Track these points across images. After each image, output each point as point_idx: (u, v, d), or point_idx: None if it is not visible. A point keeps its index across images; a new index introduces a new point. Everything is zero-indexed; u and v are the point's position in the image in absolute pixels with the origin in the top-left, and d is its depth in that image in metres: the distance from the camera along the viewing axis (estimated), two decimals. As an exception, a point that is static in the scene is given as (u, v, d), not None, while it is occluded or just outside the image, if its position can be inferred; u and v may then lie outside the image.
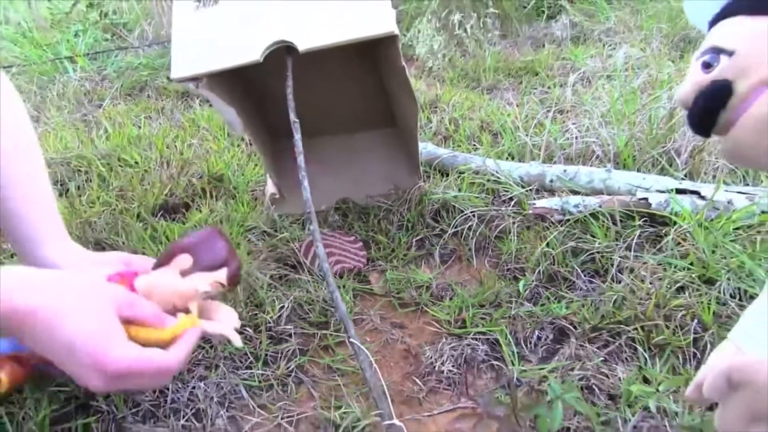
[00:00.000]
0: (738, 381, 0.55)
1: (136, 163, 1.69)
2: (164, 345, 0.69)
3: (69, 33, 2.91)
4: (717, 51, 0.56)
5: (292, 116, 1.03)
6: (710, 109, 0.56)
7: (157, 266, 0.80)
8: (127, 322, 0.67)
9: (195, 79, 1.04)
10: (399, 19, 2.99)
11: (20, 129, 0.86)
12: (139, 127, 1.94)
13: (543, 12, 2.93)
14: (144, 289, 0.76)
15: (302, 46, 1.00)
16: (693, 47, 2.39)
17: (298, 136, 1.02)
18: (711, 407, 0.87)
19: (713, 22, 0.59)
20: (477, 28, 2.60)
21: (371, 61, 1.33)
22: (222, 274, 0.77)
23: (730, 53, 0.55)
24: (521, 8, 2.94)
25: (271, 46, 1.01)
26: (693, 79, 0.58)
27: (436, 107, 1.98)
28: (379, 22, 0.99)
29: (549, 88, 2.11)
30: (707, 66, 0.56)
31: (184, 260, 0.76)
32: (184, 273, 0.76)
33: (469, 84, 2.34)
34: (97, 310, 0.64)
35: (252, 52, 1.01)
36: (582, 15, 2.86)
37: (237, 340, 0.76)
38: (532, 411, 0.67)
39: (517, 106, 1.94)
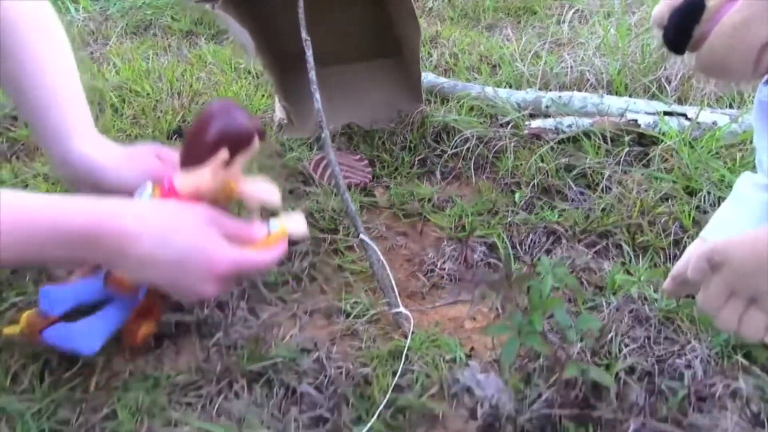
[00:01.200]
0: (718, 262, 0.62)
1: (148, 94, 1.75)
2: None
3: (71, -26, 2.93)
4: None
5: (304, 34, 1.09)
6: (684, 25, 0.62)
7: (185, 159, 0.81)
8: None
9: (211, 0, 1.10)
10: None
11: (49, 24, 0.88)
12: (148, 62, 1.99)
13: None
14: (190, 191, 0.79)
15: (313, -35, 1.06)
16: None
17: (309, 53, 1.09)
18: (687, 297, 0.96)
19: None
20: (476, -31, 2.62)
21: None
22: (256, 145, 0.81)
23: None
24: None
25: (284, -35, 1.07)
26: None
27: (436, 43, 2.04)
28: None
29: (547, 25, 2.17)
30: None
31: (223, 155, 0.78)
32: (226, 164, 0.79)
33: (468, 23, 2.38)
34: (195, 224, 0.72)
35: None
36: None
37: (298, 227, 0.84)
38: (525, 281, 0.75)
39: (516, 41, 2.00)
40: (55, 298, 0.79)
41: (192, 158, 0.80)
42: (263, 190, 0.86)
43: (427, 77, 1.64)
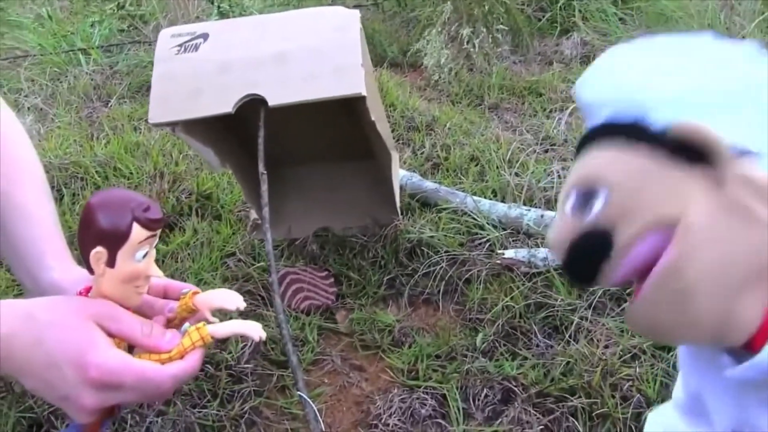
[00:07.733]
0: None
1: (131, 173, 1.73)
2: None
3: (86, 23, 2.95)
4: (587, 192, 0.47)
5: (261, 167, 1.06)
6: (587, 265, 0.47)
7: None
8: (120, 341, 0.65)
9: (171, 124, 1.07)
10: (411, 26, 2.99)
11: (22, 151, 0.87)
12: (139, 133, 1.98)
13: (556, 27, 2.91)
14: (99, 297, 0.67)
15: (272, 101, 1.03)
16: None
17: (265, 187, 1.05)
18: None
19: (581, 146, 0.50)
20: (486, 42, 2.59)
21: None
22: (137, 235, 0.63)
23: (606, 194, 0.45)
24: (535, 21, 2.92)
25: (244, 98, 1.04)
26: (562, 225, 0.49)
27: (432, 129, 2.00)
28: (348, 82, 1.02)
29: (550, 112, 2.12)
30: (577, 210, 0.47)
31: (96, 253, 0.63)
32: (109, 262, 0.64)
33: (472, 101, 2.35)
34: (75, 320, 0.63)
35: (225, 103, 1.04)
36: (594, 33, 2.85)
37: (254, 331, 0.68)
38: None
39: (511, 133, 1.96)
40: None
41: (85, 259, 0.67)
42: (219, 296, 0.72)
43: (412, 179, 1.60)
